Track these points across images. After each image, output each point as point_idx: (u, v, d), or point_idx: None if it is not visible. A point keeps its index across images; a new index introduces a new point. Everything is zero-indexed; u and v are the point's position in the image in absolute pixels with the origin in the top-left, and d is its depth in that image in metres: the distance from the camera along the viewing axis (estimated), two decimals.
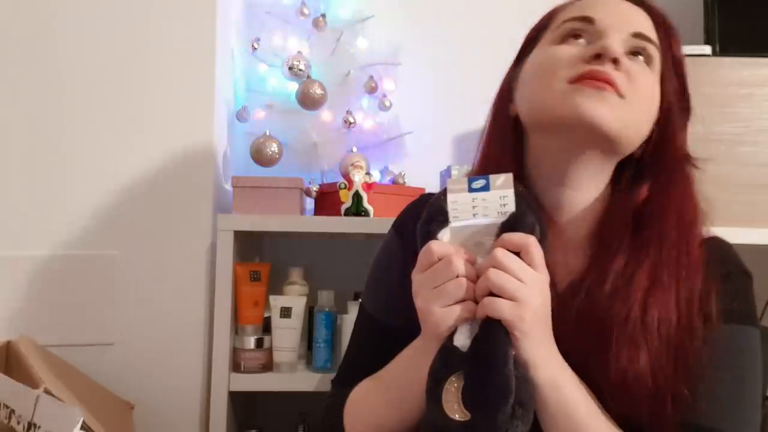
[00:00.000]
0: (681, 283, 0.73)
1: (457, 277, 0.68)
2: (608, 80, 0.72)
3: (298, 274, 1.39)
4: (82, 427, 0.80)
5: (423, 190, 1.46)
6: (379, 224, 1.28)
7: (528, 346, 0.67)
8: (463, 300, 0.68)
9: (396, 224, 0.90)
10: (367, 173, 1.37)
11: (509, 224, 0.70)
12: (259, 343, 1.28)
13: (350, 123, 1.48)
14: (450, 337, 0.69)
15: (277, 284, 1.37)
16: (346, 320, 1.31)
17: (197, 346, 1.24)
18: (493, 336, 0.66)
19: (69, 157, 1.24)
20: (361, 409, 0.82)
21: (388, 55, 1.54)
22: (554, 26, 0.80)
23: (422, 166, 1.55)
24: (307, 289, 1.37)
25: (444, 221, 0.71)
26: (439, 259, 0.69)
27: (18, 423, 0.86)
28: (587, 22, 0.76)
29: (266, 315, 1.32)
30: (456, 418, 0.65)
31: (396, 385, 0.77)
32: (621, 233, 0.76)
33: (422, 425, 0.75)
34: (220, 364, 1.24)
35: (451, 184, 0.73)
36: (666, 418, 0.70)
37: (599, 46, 0.73)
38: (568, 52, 0.75)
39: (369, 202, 1.34)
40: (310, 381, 1.28)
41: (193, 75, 1.27)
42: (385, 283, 0.88)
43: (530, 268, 0.68)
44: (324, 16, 1.50)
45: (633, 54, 0.75)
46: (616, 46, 0.72)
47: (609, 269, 0.74)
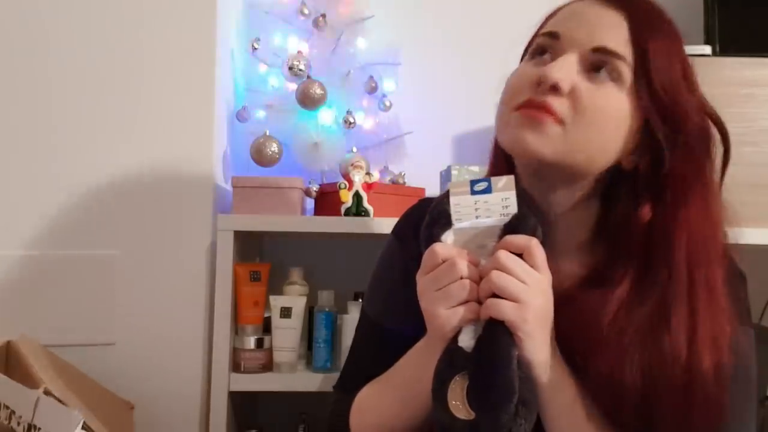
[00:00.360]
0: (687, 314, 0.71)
1: (460, 278, 0.68)
2: (545, 109, 0.71)
3: (298, 274, 1.39)
4: (82, 427, 0.81)
5: (423, 190, 1.47)
6: (379, 224, 1.29)
7: (531, 347, 0.67)
8: (467, 301, 0.68)
9: (396, 230, 0.91)
10: (367, 173, 1.37)
11: (511, 226, 0.70)
12: (259, 343, 1.28)
13: (350, 123, 1.48)
14: (454, 337, 0.69)
15: (277, 284, 1.37)
16: (346, 320, 1.31)
17: (197, 346, 1.24)
18: (497, 337, 0.67)
19: (70, 157, 1.24)
20: (368, 411, 0.82)
21: (388, 55, 1.54)
22: (537, 37, 0.79)
23: (422, 167, 1.55)
24: (307, 289, 1.38)
25: (447, 224, 0.72)
26: (442, 261, 0.69)
27: (18, 424, 0.86)
28: (553, 38, 0.75)
29: (266, 315, 1.32)
30: (461, 417, 0.66)
31: (402, 385, 0.78)
32: (624, 252, 0.75)
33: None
34: (220, 364, 1.24)
35: (454, 186, 0.74)
36: (656, 425, 0.69)
37: (540, 73, 0.72)
38: (527, 75, 0.74)
39: (369, 202, 1.34)
40: (310, 381, 1.28)
41: (193, 75, 1.27)
42: (386, 287, 0.89)
43: (533, 270, 0.68)
44: (324, 16, 1.50)
45: (595, 70, 0.72)
46: (555, 73, 0.71)
47: (610, 296, 0.73)
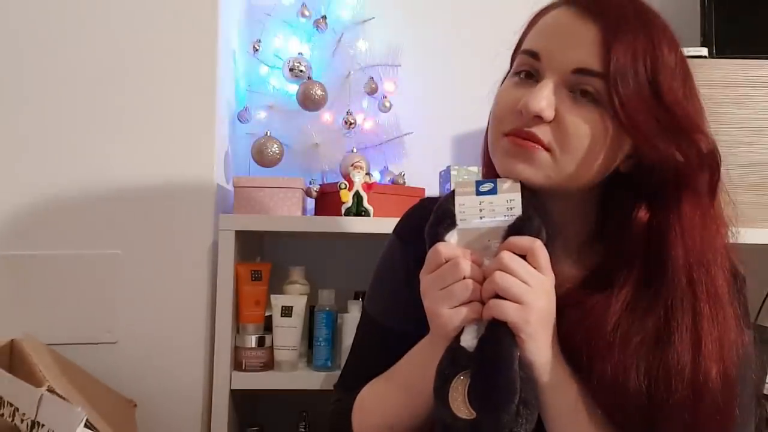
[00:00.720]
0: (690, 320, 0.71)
1: (463, 278, 0.68)
2: (531, 139, 0.71)
3: (298, 273, 1.39)
4: (85, 425, 0.81)
5: (423, 190, 1.47)
6: (379, 224, 1.29)
7: (533, 348, 0.68)
8: (470, 301, 0.68)
9: (397, 229, 0.91)
10: (368, 173, 1.38)
11: (516, 227, 0.70)
12: (261, 341, 1.29)
13: (350, 124, 1.49)
14: (457, 337, 0.69)
15: (278, 283, 1.37)
16: (347, 319, 1.32)
17: (199, 344, 1.25)
18: (499, 337, 0.67)
19: (72, 156, 1.25)
20: (370, 410, 0.82)
21: (388, 57, 1.54)
22: (522, 47, 0.78)
23: (422, 167, 1.56)
24: (307, 289, 1.38)
25: (451, 224, 0.72)
26: (446, 261, 0.70)
27: (22, 421, 0.86)
28: (534, 58, 0.74)
29: (267, 314, 1.32)
30: (462, 417, 0.66)
31: (405, 383, 0.78)
32: (624, 254, 0.75)
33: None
34: (221, 363, 1.25)
35: (459, 186, 0.74)
36: (661, 429, 0.69)
37: (522, 104, 0.71)
38: (511, 99, 0.74)
39: (369, 202, 1.34)
40: (310, 379, 1.29)
41: (195, 76, 1.28)
42: (388, 287, 0.88)
43: (536, 271, 0.68)
44: (324, 17, 1.51)
45: (576, 91, 0.72)
46: (536, 104, 0.70)
47: (613, 299, 0.73)
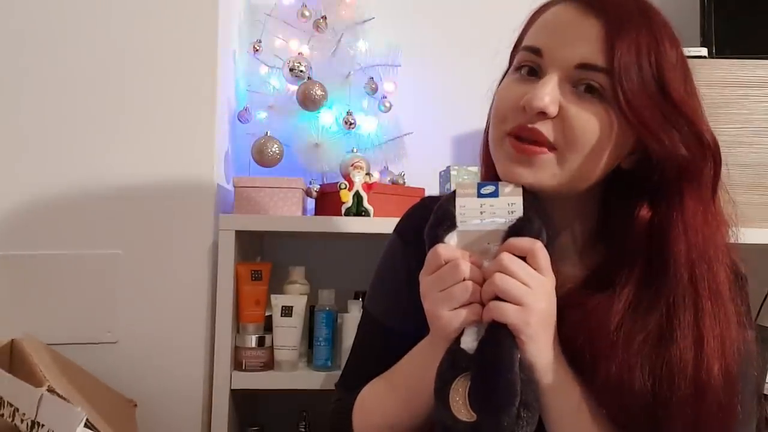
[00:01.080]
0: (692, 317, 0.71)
1: (463, 280, 0.68)
2: (536, 138, 0.71)
3: (298, 273, 1.39)
4: (85, 425, 0.81)
5: (423, 190, 1.47)
6: (380, 224, 1.29)
7: (533, 350, 0.68)
8: (469, 303, 0.68)
9: (398, 228, 0.90)
10: (368, 174, 1.38)
11: (516, 229, 0.70)
12: (261, 341, 1.29)
13: (350, 124, 1.49)
14: (457, 339, 0.69)
15: (278, 283, 1.37)
16: (347, 319, 1.32)
17: (199, 344, 1.25)
18: (499, 339, 0.67)
19: (72, 156, 1.25)
20: (371, 410, 0.82)
21: (388, 57, 1.54)
22: (522, 43, 0.78)
23: (422, 167, 1.56)
24: (307, 288, 1.38)
25: (451, 225, 0.72)
26: (445, 263, 0.69)
27: (22, 421, 0.86)
28: (536, 54, 0.73)
29: (267, 314, 1.33)
30: (462, 419, 0.66)
31: (405, 384, 0.78)
32: (625, 253, 0.74)
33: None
34: (221, 363, 1.25)
35: (460, 188, 0.73)
36: (664, 429, 0.69)
37: (525, 100, 0.71)
38: (514, 95, 0.73)
39: (369, 202, 1.34)
40: (310, 379, 1.29)
41: (195, 76, 1.28)
42: (389, 286, 0.88)
43: (536, 273, 0.68)
44: (324, 18, 1.51)
45: (579, 86, 0.71)
46: (539, 100, 0.69)
47: (615, 299, 0.72)
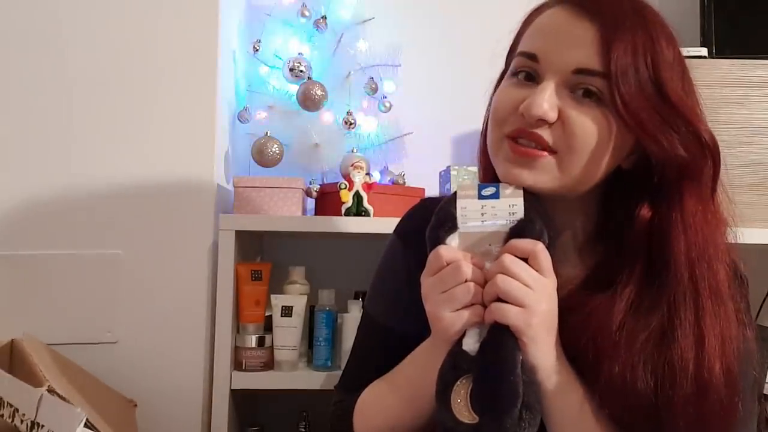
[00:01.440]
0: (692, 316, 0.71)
1: (465, 282, 0.68)
2: (536, 140, 0.71)
3: (298, 273, 1.39)
4: (85, 425, 0.81)
5: (423, 190, 1.47)
6: (380, 224, 1.29)
7: (535, 352, 0.67)
8: (471, 304, 0.68)
9: (398, 230, 0.90)
10: (368, 174, 1.38)
11: (517, 230, 0.70)
12: (261, 341, 1.29)
13: (351, 124, 1.49)
14: (459, 340, 0.69)
15: (278, 283, 1.37)
16: (347, 319, 1.32)
17: (199, 344, 1.25)
18: (501, 341, 0.67)
19: (73, 157, 1.25)
20: (372, 411, 0.82)
21: (388, 57, 1.54)
22: (518, 47, 0.77)
23: (422, 167, 1.56)
24: (307, 288, 1.38)
25: (452, 227, 0.72)
26: (447, 264, 0.69)
27: (21, 422, 0.86)
28: (532, 60, 0.73)
29: (267, 314, 1.33)
30: (464, 421, 0.66)
31: (407, 385, 0.78)
32: (625, 252, 0.74)
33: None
34: (221, 363, 1.25)
35: (462, 189, 0.73)
36: (667, 429, 0.69)
37: (524, 108, 0.71)
38: (512, 99, 0.73)
39: (369, 202, 1.34)
40: (310, 379, 1.29)
41: (195, 76, 1.28)
42: (389, 287, 0.88)
43: (538, 274, 0.68)
44: (324, 17, 1.51)
45: (577, 91, 0.71)
46: (538, 108, 0.69)
47: (616, 299, 0.72)
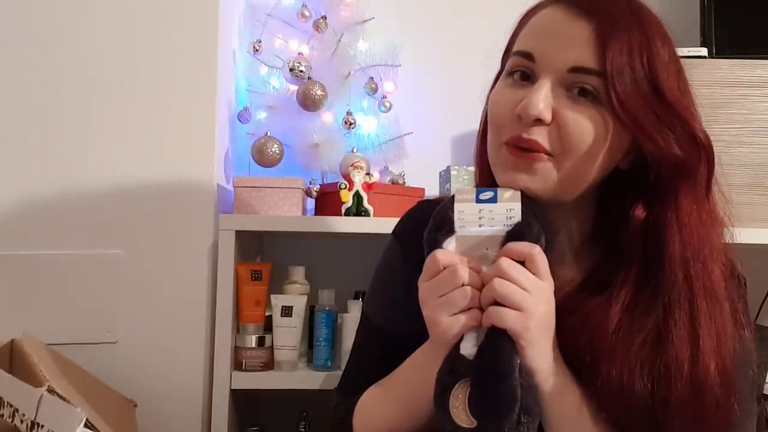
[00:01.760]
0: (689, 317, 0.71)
1: (462, 285, 0.68)
2: (532, 147, 0.71)
3: (298, 273, 1.39)
4: (85, 425, 0.81)
5: (422, 190, 1.48)
6: (379, 224, 1.29)
7: (533, 355, 0.67)
8: (468, 308, 0.68)
9: (395, 232, 0.90)
10: (368, 174, 1.38)
11: (514, 234, 0.69)
12: (261, 341, 1.29)
13: (350, 124, 1.49)
14: (456, 344, 0.69)
15: (278, 283, 1.37)
16: (347, 319, 1.32)
17: (199, 344, 1.25)
18: (499, 345, 0.66)
19: (73, 157, 1.25)
20: (371, 415, 0.82)
21: (388, 57, 1.54)
22: (514, 46, 0.77)
23: (422, 167, 1.56)
24: (307, 288, 1.38)
25: (450, 230, 0.71)
26: (444, 268, 0.69)
27: (21, 422, 0.86)
28: (528, 59, 0.73)
29: (267, 314, 1.33)
30: (463, 425, 0.65)
31: (405, 389, 0.78)
32: (622, 253, 0.74)
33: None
34: (221, 363, 1.25)
35: (459, 193, 0.73)
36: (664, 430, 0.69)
37: (521, 108, 0.71)
38: (508, 102, 0.73)
39: (369, 202, 1.35)
40: (310, 379, 1.29)
41: (195, 76, 1.28)
42: (387, 290, 0.88)
43: (535, 277, 0.68)
44: (324, 18, 1.51)
45: (573, 90, 0.71)
46: (534, 108, 0.69)
47: (612, 301, 0.72)
